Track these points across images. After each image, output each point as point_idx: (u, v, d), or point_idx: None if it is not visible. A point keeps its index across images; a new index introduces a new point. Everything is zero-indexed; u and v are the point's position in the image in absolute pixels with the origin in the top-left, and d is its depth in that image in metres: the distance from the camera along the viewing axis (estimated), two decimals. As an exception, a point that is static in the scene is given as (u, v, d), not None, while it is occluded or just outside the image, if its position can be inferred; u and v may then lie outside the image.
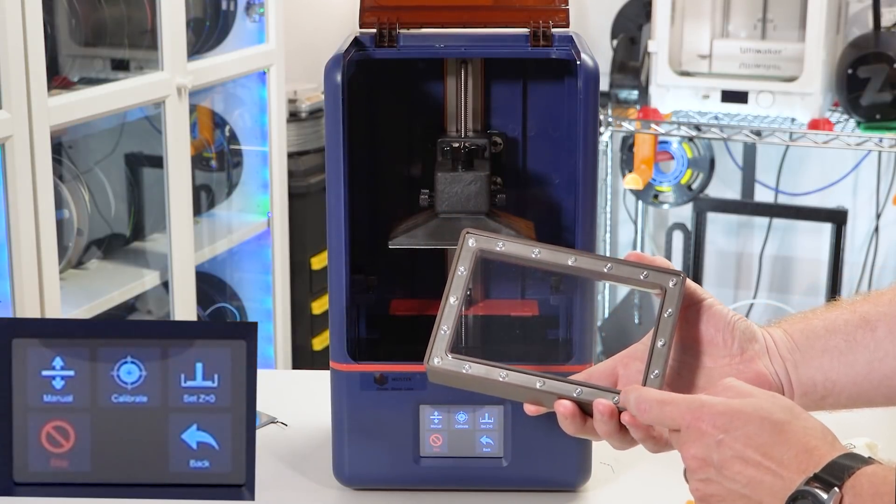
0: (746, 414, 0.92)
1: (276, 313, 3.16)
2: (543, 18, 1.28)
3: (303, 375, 1.73)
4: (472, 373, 1.04)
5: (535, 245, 1.07)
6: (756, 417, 0.92)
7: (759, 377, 1.06)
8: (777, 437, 0.91)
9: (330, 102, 1.22)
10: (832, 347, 1.07)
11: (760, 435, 0.91)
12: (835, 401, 1.07)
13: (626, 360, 1.09)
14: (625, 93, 3.30)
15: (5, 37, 2.11)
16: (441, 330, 1.05)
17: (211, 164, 3.11)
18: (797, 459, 0.89)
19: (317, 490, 1.33)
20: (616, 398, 1.02)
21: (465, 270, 1.07)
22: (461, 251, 1.07)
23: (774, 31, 3.28)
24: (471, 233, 1.08)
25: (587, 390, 1.03)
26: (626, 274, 1.07)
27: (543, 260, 1.07)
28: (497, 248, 1.07)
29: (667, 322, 1.05)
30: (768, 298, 3.81)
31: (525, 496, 1.32)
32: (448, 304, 1.06)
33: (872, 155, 3.54)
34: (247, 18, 3.07)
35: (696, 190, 3.48)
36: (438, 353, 1.05)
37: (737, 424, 0.92)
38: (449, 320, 1.05)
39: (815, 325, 1.09)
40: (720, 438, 0.92)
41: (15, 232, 2.17)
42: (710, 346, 1.07)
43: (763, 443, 0.91)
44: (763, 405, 0.93)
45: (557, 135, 1.37)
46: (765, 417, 0.92)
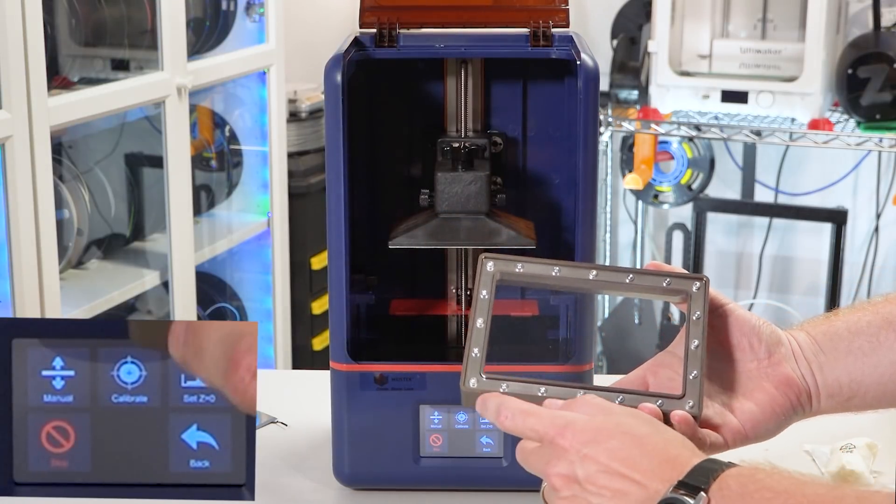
0: (608, 430, 0.93)
1: (276, 313, 3.16)
2: (543, 18, 1.28)
3: (303, 375, 1.72)
4: (510, 391, 1.03)
5: (555, 263, 1.07)
6: (618, 432, 0.93)
7: (787, 380, 1.06)
8: (640, 449, 0.91)
9: (330, 102, 1.22)
10: (856, 349, 1.07)
11: (623, 448, 0.91)
12: (861, 401, 1.08)
13: (654, 369, 1.09)
14: (625, 93, 3.30)
15: (5, 37, 2.11)
16: (472, 353, 1.04)
17: (211, 164, 3.12)
18: (661, 468, 0.90)
19: (317, 490, 1.33)
20: (661, 401, 1.01)
21: (488, 294, 1.06)
22: (481, 276, 1.06)
23: (774, 31, 3.28)
24: (488, 257, 1.07)
25: (629, 397, 1.02)
26: (648, 283, 1.06)
27: (564, 277, 1.06)
28: (516, 269, 1.07)
29: (697, 324, 1.04)
30: (768, 298, 3.81)
31: (525, 496, 1.32)
32: (476, 328, 1.05)
33: (872, 155, 3.54)
34: (247, 18, 3.07)
35: (696, 190, 3.48)
36: (474, 374, 1.03)
37: (600, 439, 0.92)
38: (479, 343, 1.04)
39: (838, 327, 1.09)
40: (584, 453, 0.92)
41: (15, 232, 2.17)
42: (738, 350, 1.08)
43: (626, 456, 0.91)
44: (624, 420, 0.94)
45: (557, 135, 1.37)
46: (626, 432, 0.93)
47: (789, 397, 1.06)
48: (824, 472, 1.33)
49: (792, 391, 1.06)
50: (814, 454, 1.36)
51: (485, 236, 1.27)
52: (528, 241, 1.27)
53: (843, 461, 1.31)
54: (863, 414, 1.11)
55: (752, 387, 1.06)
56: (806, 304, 3.76)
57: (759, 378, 1.06)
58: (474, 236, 1.27)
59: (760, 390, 1.06)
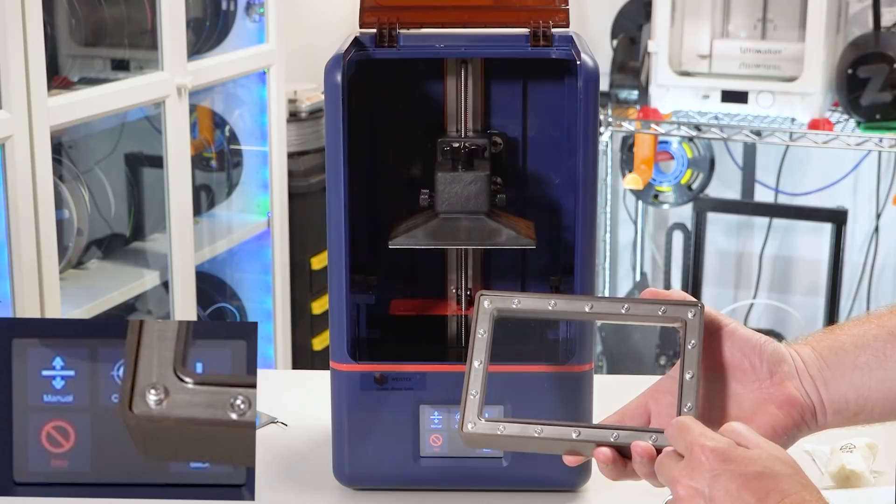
0: (752, 459, 0.92)
1: (276, 313, 3.16)
2: (543, 18, 1.28)
3: (303, 375, 1.73)
4: (507, 433, 1.04)
5: (550, 297, 1.09)
6: (759, 463, 0.92)
7: (790, 400, 1.05)
8: (775, 486, 0.90)
9: (330, 102, 1.22)
10: (862, 364, 1.06)
11: (758, 481, 0.91)
12: (868, 416, 1.07)
13: (656, 395, 1.09)
14: (625, 93, 3.30)
15: (5, 37, 2.10)
16: (470, 395, 1.05)
17: (211, 164, 3.11)
18: None
19: (317, 490, 1.33)
20: (654, 437, 1.01)
21: (485, 332, 1.07)
22: (478, 314, 1.08)
23: (774, 31, 3.28)
24: (485, 294, 1.08)
25: (623, 433, 1.03)
26: (643, 312, 1.08)
27: (561, 310, 1.09)
28: (513, 305, 1.08)
29: (692, 354, 1.05)
30: (768, 298, 3.81)
31: (525, 496, 1.32)
32: (473, 368, 1.06)
33: (872, 155, 3.54)
34: (247, 18, 3.07)
35: (696, 190, 3.48)
36: (471, 418, 1.05)
37: (738, 465, 0.92)
38: (476, 384, 1.05)
39: (843, 341, 1.08)
40: (718, 473, 0.92)
41: (15, 232, 2.17)
42: (738, 371, 1.07)
43: (759, 487, 0.90)
44: (767, 454, 0.93)
45: (557, 135, 1.37)
46: (768, 466, 0.92)
47: (793, 417, 1.05)
48: (824, 473, 1.33)
49: (795, 410, 1.05)
50: (814, 454, 1.36)
51: (485, 236, 1.27)
52: (527, 241, 1.27)
53: (843, 461, 1.32)
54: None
55: (754, 409, 1.05)
56: (806, 304, 3.76)
57: (762, 400, 1.05)
58: (474, 236, 1.27)
59: (763, 413, 1.05)
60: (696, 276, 3.48)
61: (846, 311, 3.62)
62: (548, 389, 1.27)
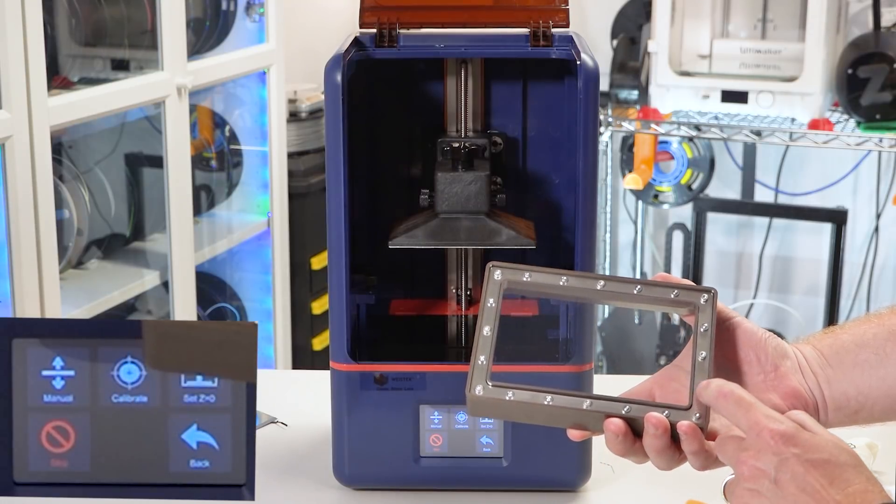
0: (817, 445, 0.93)
1: (276, 313, 3.16)
2: (543, 18, 1.28)
3: (303, 375, 1.73)
4: (516, 399, 1.02)
5: (562, 273, 1.06)
6: (825, 451, 0.93)
7: (794, 392, 1.06)
8: (840, 474, 0.91)
9: (330, 102, 1.22)
10: (863, 361, 1.07)
11: (824, 467, 0.92)
12: (868, 414, 1.07)
13: (662, 381, 1.09)
14: (625, 93, 3.30)
15: (5, 37, 2.11)
16: (479, 360, 1.03)
17: (211, 164, 3.12)
18: (851, 498, 0.90)
19: (317, 490, 1.33)
20: (667, 412, 1.01)
21: (495, 302, 1.05)
22: (488, 284, 1.05)
23: (774, 31, 3.28)
24: (496, 265, 1.06)
25: (636, 407, 1.01)
26: (655, 294, 1.06)
27: (572, 287, 1.06)
28: (523, 278, 1.06)
29: (704, 336, 1.04)
30: (768, 298, 3.81)
31: (525, 496, 1.32)
32: (482, 336, 1.04)
33: (872, 155, 3.54)
34: (247, 18, 3.07)
35: (696, 190, 3.48)
36: (479, 381, 1.02)
37: (806, 450, 0.93)
38: (485, 350, 1.03)
39: (844, 340, 1.09)
40: (786, 457, 0.92)
41: (15, 232, 2.17)
42: (745, 363, 1.07)
43: (824, 474, 0.91)
44: (831, 443, 0.94)
45: (557, 135, 1.37)
46: (834, 455, 0.93)
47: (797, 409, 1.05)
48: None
49: (800, 403, 1.05)
50: (814, 454, 1.35)
51: (485, 236, 1.27)
52: (527, 241, 1.27)
53: (843, 461, 1.31)
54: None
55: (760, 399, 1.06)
56: (806, 304, 3.76)
57: (767, 391, 1.06)
58: (474, 236, 1.27)
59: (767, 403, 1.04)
60: (696, 276, 3.48)
61: (846, 311, 3.62)
62: (548, 389, 1.27)
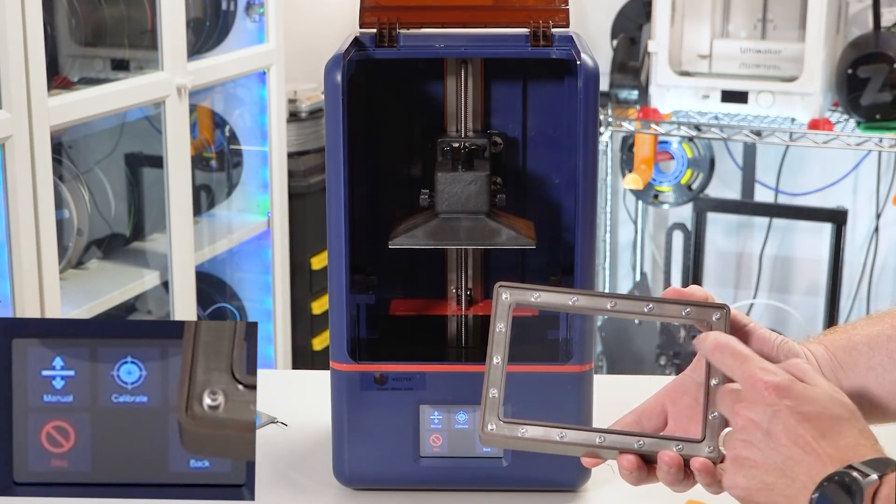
0: (811, 397, 0.93)
1: (276, 313, 3.16)
2: (543, 18, 1.28)
3: (303, 375, 1.73)
4: (529, 436, 1.01)
5: (572, 293, 1.04)
6: (819, 403, 0.93)
7: None
8: (832, 427, 0.92)
9: (330, 102, 1.22)
10: (876, 365, 1.06)
11: (817, 420, 0.92)
12: (881, 417, 1.07)
13: (673, 396, 1.07)
14: (625, 93, 3.30)
15: (5, 37, 2.11)
16: (490, 394, 1.02)
17: (211, 164, 3.12)
18: (842, 451, 0.90)
19: (317, 490, 1.33)
20: (680, 446, 1.00)
21: (504, 327, 1.03)
22: (497, 307, 1.03)
23: (774, 31, 3.28)
24: (504, 286, 1.04)
25: (648, 441, 1.01)
26: (667, 313, 1.04)
27: (582, 306, 1.04)
28: (532, 298, 1.04)
29: None
30: (768, 298, 3.81)
31: (525, 496, 1.32)
32: (493, 366, 1.02)
33: (872, 155, 3.54)
34: (247, 18, 3.07)
35: (696, 190, 3.48)
36: (491, 419, 1.01)
37: (799, 402, 0.93)
38: (496, 383, 1.02)
39: (856, 341, 1.08)
40: (778, 408, 0.93)
41: (15, 232, 2.17)
42: None
43: (816, 426, 0.92)
44: (827, 395, 0.94)
45: (557, 135, 1.37)
46: (827, 407, 0.93)
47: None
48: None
49: None
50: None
51: (485, 236, 1.27)
52: (527, 241, 1.27)
53: (843, 461, 1.31)
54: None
55: None
56: (806, 304, 3.76)
57: None
58: (474, 236, 1.27)
59: None
60: (696, 276, 3.48)
61: (846, 311, 3.62)
62: (548, 389, 1.27)
